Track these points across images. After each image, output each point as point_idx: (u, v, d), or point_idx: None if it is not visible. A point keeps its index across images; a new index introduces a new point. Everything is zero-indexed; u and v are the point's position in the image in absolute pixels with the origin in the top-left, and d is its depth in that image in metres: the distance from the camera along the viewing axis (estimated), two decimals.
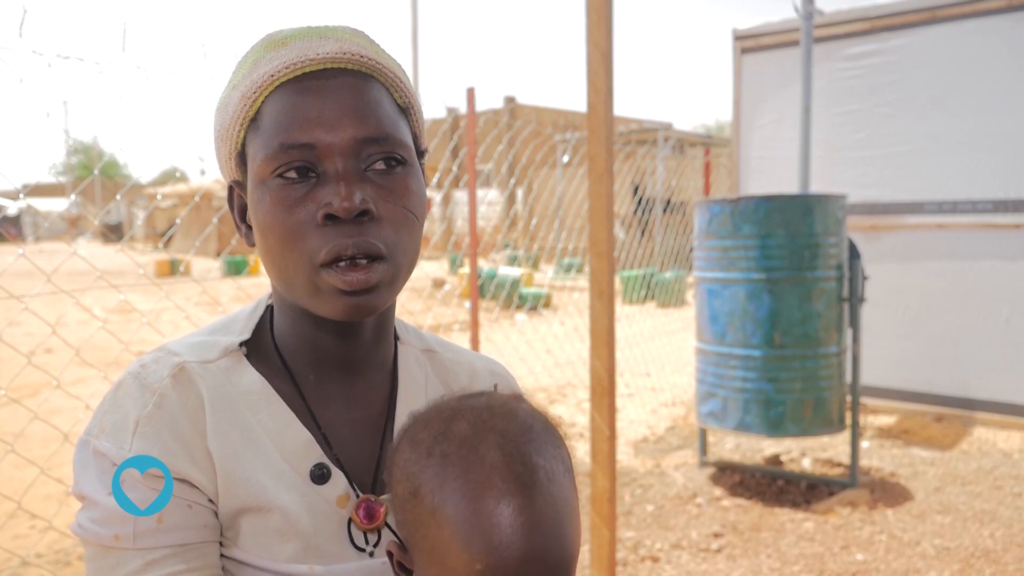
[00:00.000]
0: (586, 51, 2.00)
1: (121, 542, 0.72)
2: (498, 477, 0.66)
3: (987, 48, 4.97)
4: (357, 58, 0.78)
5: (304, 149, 0.75)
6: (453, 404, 0.74)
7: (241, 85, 0.79)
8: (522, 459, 0.67)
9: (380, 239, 0.76)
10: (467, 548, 0.65)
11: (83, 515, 0.75)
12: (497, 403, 0.73)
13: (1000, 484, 4.03)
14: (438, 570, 0.67)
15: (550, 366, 6.39)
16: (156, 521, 0.73)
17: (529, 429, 0.70)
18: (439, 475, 0.68)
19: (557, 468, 0.69)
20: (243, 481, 0.77)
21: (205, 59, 2.63)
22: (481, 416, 0.71)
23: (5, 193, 27.50)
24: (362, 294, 0.76)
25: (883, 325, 5.30)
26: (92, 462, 0.75)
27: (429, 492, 0.68)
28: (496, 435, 0.68)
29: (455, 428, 0.70)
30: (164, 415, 0.76)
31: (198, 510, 0.76)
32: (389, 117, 0.79)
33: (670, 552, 3.33)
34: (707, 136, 19.52)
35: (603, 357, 2.07)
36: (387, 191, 0.78)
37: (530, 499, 0.66)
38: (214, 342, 0.84)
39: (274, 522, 0.77)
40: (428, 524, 0.67)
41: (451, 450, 0.68)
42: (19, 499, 2.49)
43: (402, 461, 0.72)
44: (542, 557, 0.65)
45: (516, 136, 6.13)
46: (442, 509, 0.67)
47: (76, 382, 5.46)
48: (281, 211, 0.76)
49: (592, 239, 2.04)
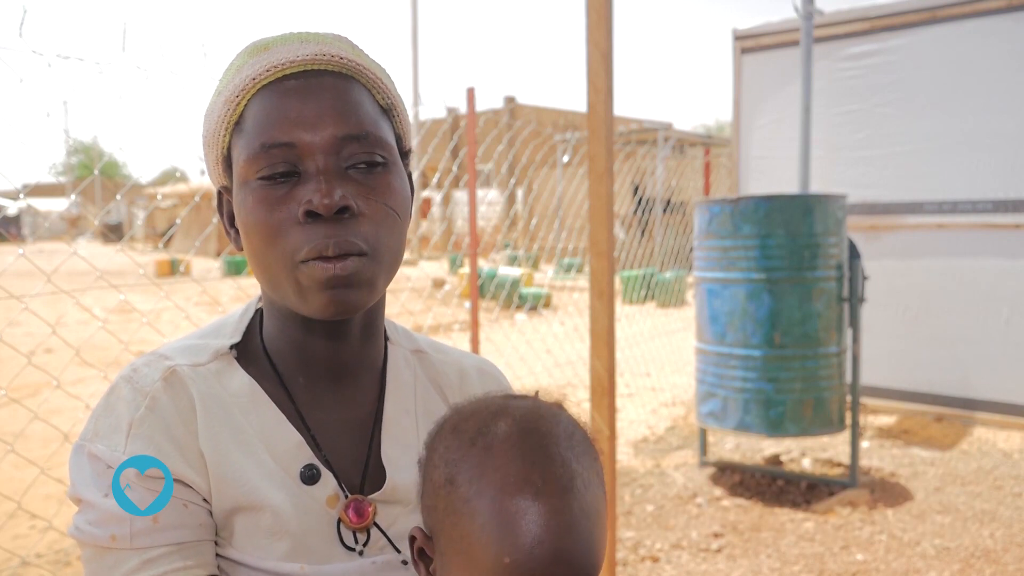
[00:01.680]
0: (586, 51, 2.00)
1: (118, 542, 0.73)
2: (538, 475, 0.66)
3: (987, 48, 4.97)
4: (337, 60, 0.79)
5: (285, 148, 0.76)
6: (499, 401, 0.75)
7: (225, 91, 0.80)
8: (563, 462, 0.68)
9: (360, 236, 0.76)
10: (497, 541, 0.65)
11: (80, 518, 0.75)
12: (543, 407, 0.74)
13: (1000, 484, 4.03)
14: (463, 560, 0.67)
15: (550, 366, 6.39)
16: (152, 521, 0.73)
17: (571, 436, 0.71)
18: (479, 466, 0.68)
19: (592, 478, 0.70)
20: (235, 481, 0.78)
21: (205, 59, 2.63)
22: (526, 416, 0.71)
23: (5, 193, 27.50)
24: (342, 287, 0.76)
25: (883, 325, 5.30)
26: (87, 465, 0.76)
27: (466, 481, 0.68)
28: (540, 436, 0.69)
29: (500, 424, 0.71)
30: (156, 417, 0.77)
31: (193, 509, 0.76)
32: (370, 116, 0.80)
33: (670, 552, 3.33)
34: (707, 136, 19.52)
35: (603, 357, 2.07)
36: (368, 189, 0.78)
37: (566, 502, 0.66)
38: (204, 345, 0.84)
39: (265, 521, 0.78)
40: (461, 513, 0.68)
41: (494, 443, 0.69)
42: (19, 499, 2.49)
43: (442, 448, 0.72)
44: (571, 560, 0.65)
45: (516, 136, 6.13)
46: (477, 500, 0.67)
47: (76, 382, 5.46)
48: (263, 210, 0.76)
49: (592, 239, 2.04)
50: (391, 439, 0.87)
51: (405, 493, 0.85)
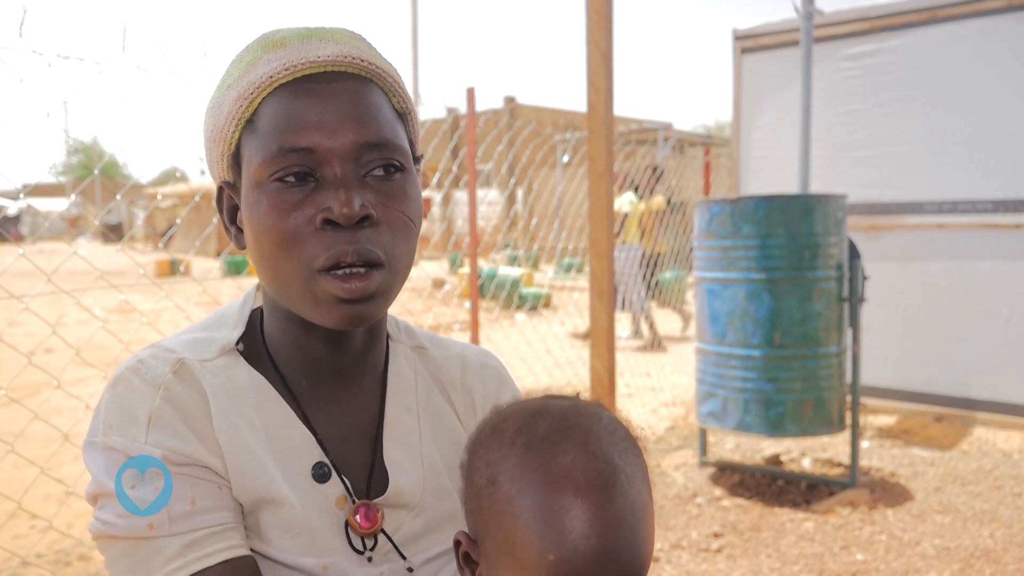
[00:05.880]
0: (586, 51, 2.00)
1: (156, 530, 0.71)
2: (580, 472, 0.66)
3: (987, 48, 4.97)
4: (358, 62, 0.78)
5: (303, 153, 0.74)
6: (539, 401, 0.74)
7: (237, 85, 0.78)
8: (605, 458, 0.67)
9: (379, 245, 0.76)
10: (541, 539, 0.64)
11: (105, 513, 0.73)
12: (582, 406, 0.74)
13: (1000, 484, 4.03)
14: (509, 560, 0.67)
15: (550, 366, 6.39)
16: (190, 504, 0.72)
17: (613, 433, 0.71)
18: (520, 464, 0.68)
19: (637, 474, 0.69)
20: (254, 473, 0.77)
21: (205, 59, 2.63)
22: (567, 414, 0.71)
23: (5, 193, 27.49)
24: (360, 303, 0.75)
25: (883, 325, 5.30)
26: (102, 459, 0.74)
27: (508, 481, 0.68)
28: (581, 433, 0.69)
29: (540, 423, 0.70)
30: (174, 408, 0.76)
31: (227, 492, 0.76)
32: (388, 122, 0.79)
33: (670, 552, 3.33)
34: (707, 136, 19.49)
35: (603, 357, 2.07)
36: (386, 197, 0.77)
37: (610, 498, 0.65)
38: (209, 339, 0.83)
39: (285, 514, 0.77)
40: (504, 513, 0.67)
41: (534, 442, 0.68)
42: (19, 499, 2.49)
43: (482, 450, 0.72)
44: (616, 556, 0.64)
45: (516, 136, 6.13)
46: (519, 498, 0.66)
47: (76, 382, 5.45)
48: (278, 215, 0.75)
49: (592, 239, 2.04)
50: (394, 441, 0.87)
51: (409, 496, 0.84)
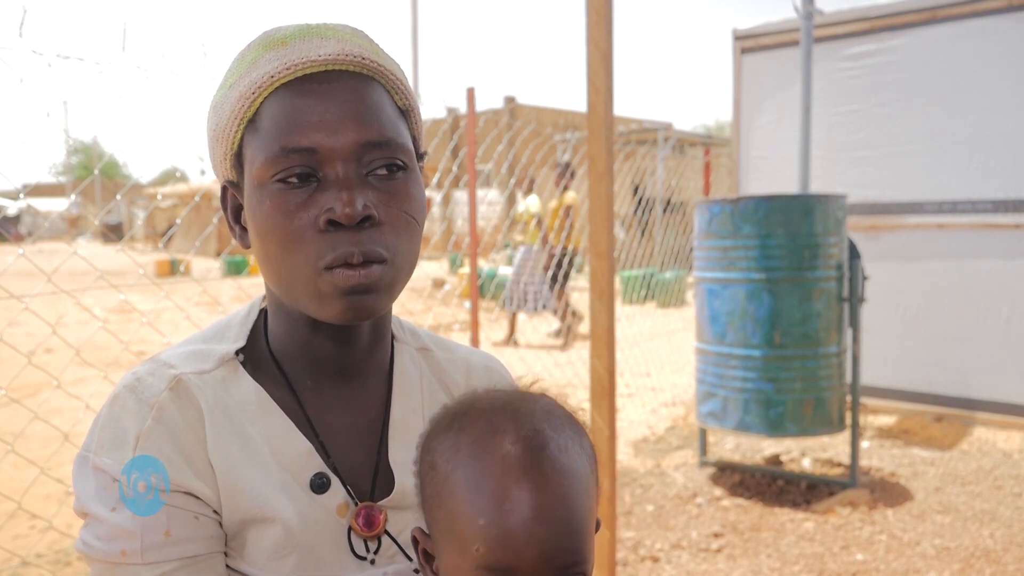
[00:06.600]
0: (586, 51, 2.00)
1: (128, 557, 0.71)
2: (509, 440, 0.66)
3: (987, 48, 4.97)
4: (359, 60, 0.77)
5: (305, 153, 0.74)
6: (480, 391, 0.76)
7: (239, 85, 0.78)
8: (535, 429, 0.68)
9: (382, 244, 0.76)
10: (471, 507, 0.65)
11: (87, 532, 0.74)
12: (524, 392, 0.75)
13: (1000, 484, 4.03)
14: (450, 539, 0.67)
15: (550, 366, 6.39)
16: (164, 535, 0.72)
17: (550, 412, 0.71)
18: (454, 444, 0.69)
19: (572, 446, 0.69)
20: (244, 493, 0.77)
21: (205, 59, 2.63)
22: (503, 398, 0.72)
23: (5, 193, 27.49)
24: (362, 293, 0.75)
25: (883, 325, 5.30)
26: (92, 478, 0.74)
27: (444, 461, 0.69)
28: (513, 410, 0.70)
29: (476, 406, 0.72)
30: (164, 429, 0.75)
31: (204, 521, 0.75)
32: (391, 121, 0.78)
33: (670, 552, 3.33)
34: (707, 136, 19.49)
35: (603, 357, 2.07)
36: (389, 196, 0.77)
37: (538, 462, 0.65)
38: (209, 351, 0.82)
39: (275, 534, 0.77)
40: (442, 493, 0.68)
41: (468, 423, 0.70)
42: (19, 499, 2.49)
43: (426, 440, 0.73)
44: (546, 516, 0.64)
45: (516, 136, 6.12)
46: (454, 474, 0.67)
47: (76, 382, 5.45)
48: (281, 216, 0.75)
49: (592, 239, 2.04)
50: (399, 442, 0.86)
51: (414, 497, 0.84)
